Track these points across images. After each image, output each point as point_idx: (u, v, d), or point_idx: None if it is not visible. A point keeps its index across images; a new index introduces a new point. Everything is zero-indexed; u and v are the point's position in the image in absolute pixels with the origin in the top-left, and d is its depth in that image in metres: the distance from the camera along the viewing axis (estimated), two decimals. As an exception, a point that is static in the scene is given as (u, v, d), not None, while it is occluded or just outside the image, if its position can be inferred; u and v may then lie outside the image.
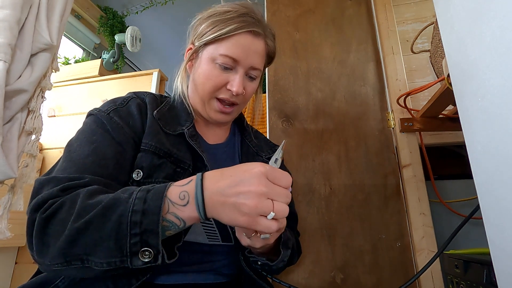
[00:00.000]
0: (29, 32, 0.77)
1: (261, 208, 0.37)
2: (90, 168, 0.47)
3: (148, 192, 0.40)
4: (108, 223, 0.38)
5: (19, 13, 0.73)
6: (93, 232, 0.38)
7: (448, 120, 1.02)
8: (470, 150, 0.48)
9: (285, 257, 0.58)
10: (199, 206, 0.39)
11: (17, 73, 0.75)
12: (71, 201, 0.41)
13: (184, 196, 0.40)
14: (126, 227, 0.37)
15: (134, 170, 0.52)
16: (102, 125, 0.53)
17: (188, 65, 0.66)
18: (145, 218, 0.38)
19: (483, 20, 0.42)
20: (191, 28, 0.66)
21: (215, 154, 0.67)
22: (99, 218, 0.38)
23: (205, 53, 0.61)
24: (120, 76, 1.64)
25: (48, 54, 0.83)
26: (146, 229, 0.37)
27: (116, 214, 0.38)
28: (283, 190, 0.40)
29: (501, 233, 0.41)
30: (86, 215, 0.38)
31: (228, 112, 0.63)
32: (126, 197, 0.40)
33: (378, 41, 1.25)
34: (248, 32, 0.59)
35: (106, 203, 0.39)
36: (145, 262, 0.38)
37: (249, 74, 0.62)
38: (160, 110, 0.61)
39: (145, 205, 0.38)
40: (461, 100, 0.50)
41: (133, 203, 0.39)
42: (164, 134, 0.58)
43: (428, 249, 0.95)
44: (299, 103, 1.18)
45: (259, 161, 0.69)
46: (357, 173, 1.08)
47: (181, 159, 0.56)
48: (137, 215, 0.38)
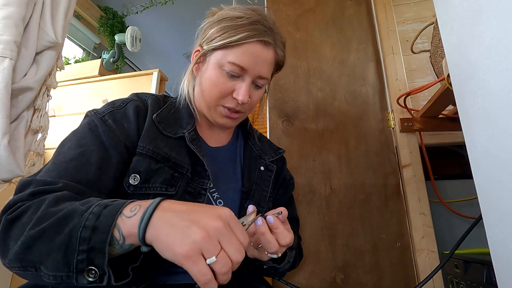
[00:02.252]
0: (34, 30, 0.77)
1: (207, 245, 0.33)
2: (71, 173, 0.47)
3: (105, 207, 0.38)
4: (60, 235, 0.37)
5: (24, 10, 0.73)
6: (45, 241, 0.37)
7: (448, 120, 1.02)
8: (470, 150, 0.48)
9: (290, 258, 0.58)
10: (143, 220, 0.36)
11: (22, 71, 0.75)
12: (36, 206, 0.41)
13: (135, 208, 0.38)
14: (75, 242, 0.36)
15: (130, 175, 0.51)
16: (95, 128, 0.53)
17: (195, 67, 0.65)
18: (94, 235, 0.36)
19: (483, 20, 0.42)
20: (200, 30, 0.65)
21: (216, 157, 0.66)
22: (52, 229, 0.37)
23: (213, 58, 0.60)
24: (120, 76, 1.63)
25: (53, 52, 0.83)
26: (93, 247, 0.35)
27: (68, 227, 0.37)
28: (237, 242, 0.36)
29: (501, 233, 0.41)
30: (43, 222, 0.38)
31: (234, 118, 0.63)
32: (83, 210, 0.38)
33: (378, 41, 1.25)
34: (259, 41, 0.58)
35: (63, 213, 0.38)
36: (90, 282, 0.35)
37: (256, 82, 0.61)
38: (161, 113, 0.60)
39: (97, 221, 0.36)
40: (461, 100, 0.50)
41: (87, 217, 0.37)
42: (164, 138, 0.57)
43: (428, 249, 0.95)
44: (299, 102, 1.18)
45: (262, 165, 0.70)
46: (358, 173, 1.08)
47: (179, 164, 0.56)
48: (87, 231, 0.36)
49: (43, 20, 0.80)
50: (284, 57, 0.66)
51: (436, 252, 0.95)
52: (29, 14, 0.76)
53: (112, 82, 1.63)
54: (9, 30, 0.70)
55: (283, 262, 0.57)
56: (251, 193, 0.64)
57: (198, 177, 0.58)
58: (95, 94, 1.62)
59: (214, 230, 0.35)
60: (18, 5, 0.72)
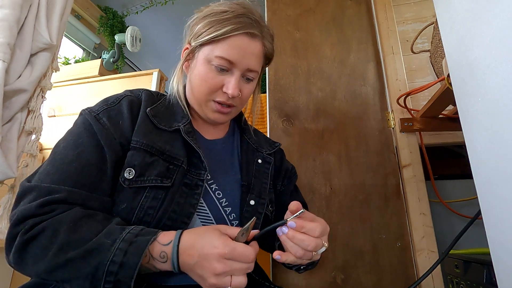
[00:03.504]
0: (28, 31, 0.77)
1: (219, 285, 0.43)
2: (73, 176, 0.48)
3: (130, 244, 0.43)
4: (87, 267, 0.41)
5: (18, 12, 0.73)
6: (71, 270, 0.41)
7: (448, 120, 1.02)
8: (470, 150, 0.48)
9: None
10: (175, 267, 0.45)
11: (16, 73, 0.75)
12: (54, 229, 0.43)
13: (164, 256, 0.45)
14: (102, 273, 0.41)
15: (125, 169, 0.52)
16: (89, 127, 0.53)
17: (185, 65, 0.65)
18: (122, 271, 0.41)
19: (483, 20, 0.42)
20: (188, 27, 0.65)
21: (213, 149, 0.66)
22: (79, 260, 0.41)
23: (201, 54, 0.60)
24: (120, 76, 1.63)
25: (48, 54, 0.82)
26: (120, 280, 0.41)
27: (95, 260, 0.41)
28: (243, 266, 0.44)
29: (501, 233, 0.41)
30: (68, 251, 0.42)
31: (226, 113, 0.63)
32: (109, 244, 0.43)
33: (378, 41, 1.25)
34: (245, 33, 0.58)
35: (89, 246, 0.42)
36: None
37: (246, 75, 0.61)
38: (155, 107, 0.60)
39: (124, 258, 0.41)
40: (461, 100, 0.50)
41: (114, 253, 0.42)
42: (158, 131, 0.57)
43: (428, 249, 0.95)
44: (299, 102, 1.18)
45: (260, 157, 0.70)
46: (358, 173, 1.08)
47: (174, 156, 0.56)
48: (114, 266, 0.41)
49: (38, 22, 0.79)
50: (272, 50, 0.65)
51: (436, 252, 0.95)
52: (24, 15, 0.76)
53: (112, 82, 1.63)
54: (3, 32, 0.69)
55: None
56: (251, 186, 0.64)
57: (194, 168, 0.58)
58: (95, 94, 1.62)
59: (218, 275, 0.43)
60: (12, 7, 0.72)
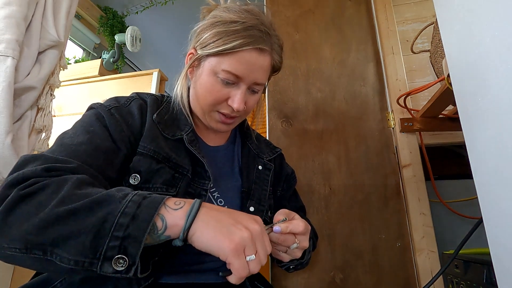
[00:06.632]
0: (36, 29, 0.77)
1: (250, 244, 0.38)
2: (82, 156, 0.45)
3: (144, 198, 0.38)
4: (92, 218, 0.35)
5: (25, 9, 0.73)
6: (73, 222, 0.35)
7: (448, 120, 1.02)
8: (470, 150, 0.48)
9: (310, 247, 0.60)
10: (191, 212, 0.38)
11: (25, 71, 0.75)
12: (57, 185, 0.38)
13: (180, 202, 0.40)
14: (110, 227, 0.35)
15: (131, 174, 0.51)
16: (102, 119, 0.53)
17: (189, 70, 0.63)
18: (133, 223, 0.35)
19: (483, 20, 0.42)
20: (194, 32, 0.63)
21: (215, 156, 0.66)
22: (84, 210, 0.36)
23: (207, 64, 0.58)
24: (120, 76, 1.63)
25: (56, 51, 0.83)
26: (130, 234, 0.35)
27: (103, 211, 0.36)
28: (265, 246, 0.40)
29: (501, 233, 0.41)
30: (70, 203, 0.36)
31: (229, 123, 0.62)
32: (120, 196, 0.38)
33: (378, 41, 1.25)
34: (254, 49, 0.55)
35: (98, 197, 0.37)
36: (116, 271, 0.34)
37: (252, 88, 0.60)
38: (159, 113, 0.60)
39: (138, 210, 0.36)
40: (461, 100, 0.50)
41: (127, 204, 0.37)
42: (163, 138, 0.57)
43: (428, 249, 0.95)
44: (298, 103, 1.18)
45: (260, 164, 0.70)
46: (357, 173, 1.08)
47: (180, 164, 0.55)
48: (126, 218, 0.35)
49: (45, 19, 0.79)
50: (280, 61, 0.65)
51: (436, 252, 0.95)
52: (31, 13, 0.76)
53: (112, 82, 1.63)
54: (10, 29, 0.69)
55: (305, 255, 0.59)
56: (251, 192, 0.64)
57: (198, 178, 0.58)
58: (95, 94, 1.62)
59: (256, 233, 0.39)
60: (19, 4, 0.72)
